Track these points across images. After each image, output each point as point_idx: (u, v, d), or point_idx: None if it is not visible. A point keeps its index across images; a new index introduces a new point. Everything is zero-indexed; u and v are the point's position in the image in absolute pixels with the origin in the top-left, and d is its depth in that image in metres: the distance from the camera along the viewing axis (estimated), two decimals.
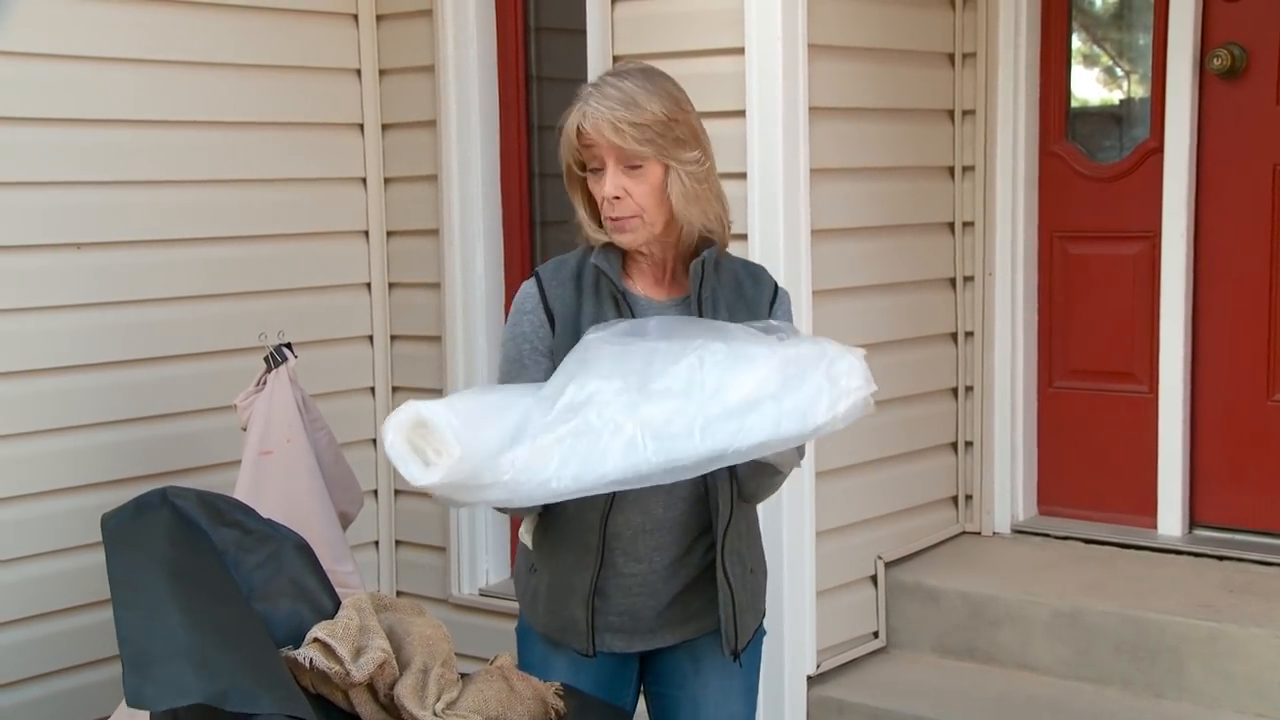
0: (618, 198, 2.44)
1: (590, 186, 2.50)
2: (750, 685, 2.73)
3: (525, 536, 2.65)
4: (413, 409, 2.24)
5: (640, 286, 2.56)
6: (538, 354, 2.53)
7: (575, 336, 2.48)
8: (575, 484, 2.24)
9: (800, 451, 2.46)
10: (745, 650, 2.65)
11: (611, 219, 2.47)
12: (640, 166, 2.44)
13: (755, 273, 2.64)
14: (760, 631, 2.73)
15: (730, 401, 2.27)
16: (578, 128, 2.45)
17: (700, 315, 2.51)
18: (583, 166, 2.49)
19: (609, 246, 2.53)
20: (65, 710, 3.65)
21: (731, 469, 2.52)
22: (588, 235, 2.54)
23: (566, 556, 2.56)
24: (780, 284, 2.67)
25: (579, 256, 2.57)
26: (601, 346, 2.33)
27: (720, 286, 2.56)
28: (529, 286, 2.57)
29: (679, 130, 2.46)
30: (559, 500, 2.28)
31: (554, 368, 2.50)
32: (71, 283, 3.65)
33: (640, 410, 2.25)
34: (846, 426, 2.37)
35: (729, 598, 2.57)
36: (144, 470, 3.73)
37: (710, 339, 2.34)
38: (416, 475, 2.22)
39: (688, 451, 2.25)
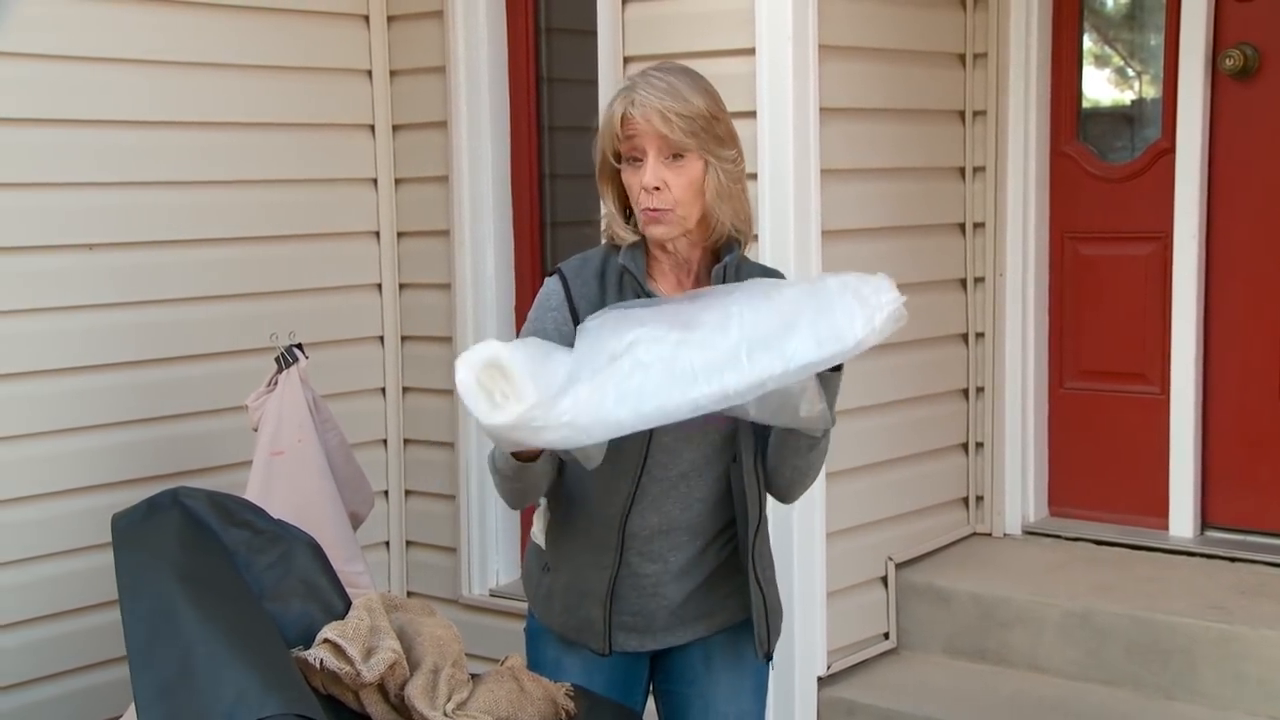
0: (657, 188, 2.43)
1: (625, 178, 2.48)
2: (760, 684, 2.74)
3: (538, 536, 2.65)
4: (490, 349, 2.24)
5: (663, 288, 2.56)
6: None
7: None
8: (634, 416, 2.22)
9: (830, 417, 2.44)
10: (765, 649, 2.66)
11: (647, 210, 2.46)
12: (681, 159, 2.44)
13: (774, 278, 2.64)
14: None
15: (769, 329, 2.28)
16: (623, 115, 2.43)
17: None
18: (618, 158, 2.49)
19: (635, 247, 2.52)
20: (78, 710, 3.66)
21: (761, 468, 2.54)
22: (615, 233, 2.53)
23: (584, 556, 2.56)
24: None
25: (602, 255, 2.56)
26: (626, 310, 2.35)
27: None
28: (554, 284, 2.56)
29: (719, 128, 2.48)
30: (618, 434, 2.25)
31: None
32: (83, 283, 3.66)
33: (686, 345, 2.26)
34: (880, 340, 2.36)
35: (760, 601, 2.59)
36: (155, 470, 3.73)
37: (732, 290, 2.36)
38: (485, 414, 2.20)
39: (738, 378, 2.24)
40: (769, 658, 2.64)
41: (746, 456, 2.53)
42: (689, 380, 2.24)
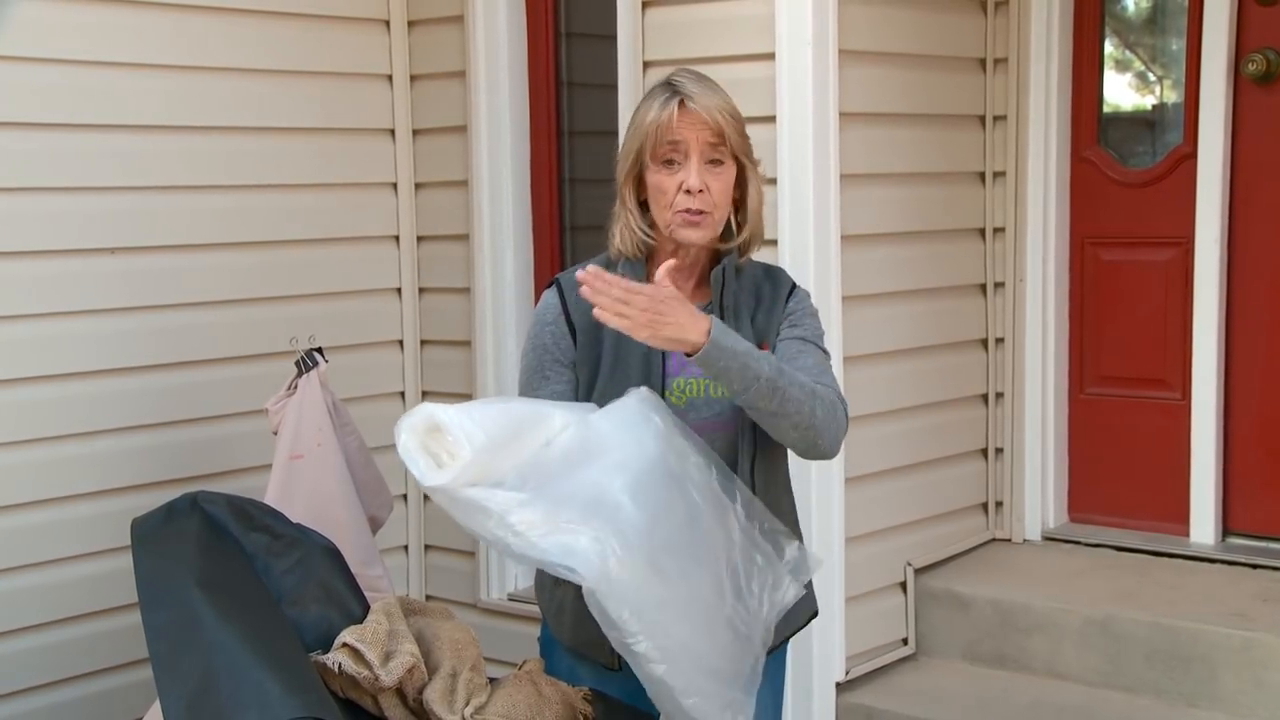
0: (701, 191, 2.44)
1: (658, 179, 2.47)
2: (775, 690, 2.73)
3: None
4: (426, 411, 2.25)
5: None
6: (559, 365, 2.54)
7: (597, 346, 2.49)
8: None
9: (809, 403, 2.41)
10: (772, 654, 2.64)
11: (687, 212, 2.46)
12: (721, 164, 2.46)
13: (774, 275, 2.65)
14: (784, 642, 2.72)
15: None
16: (679, 107, 2.42)
17: (723, 320, 2.50)
18: (652, 159, 2.47)
19: (634, 261, 2.53)
20: (99, 713, 3.67)
21: (759, 475, 2.53)
22: (637, 245, 2.51)
23: None
24: (800, 285, 2.66)
25: (602, 265, 2.56)
26: (640, 422, 2.34)
27: (741, 292, 2.57)
28: (551, 296, 2.57)
29: (745, 130, 2.51)
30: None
31: (575, 378, 2.52)
32: (104, 287, 3.67)
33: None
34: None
35: None
36: (175, 474, 3.75)
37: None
38: (425, 474, 2.22)
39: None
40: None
41: (744, 463, 2.52)
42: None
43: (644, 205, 2.54)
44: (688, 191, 2.44)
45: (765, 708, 2.69)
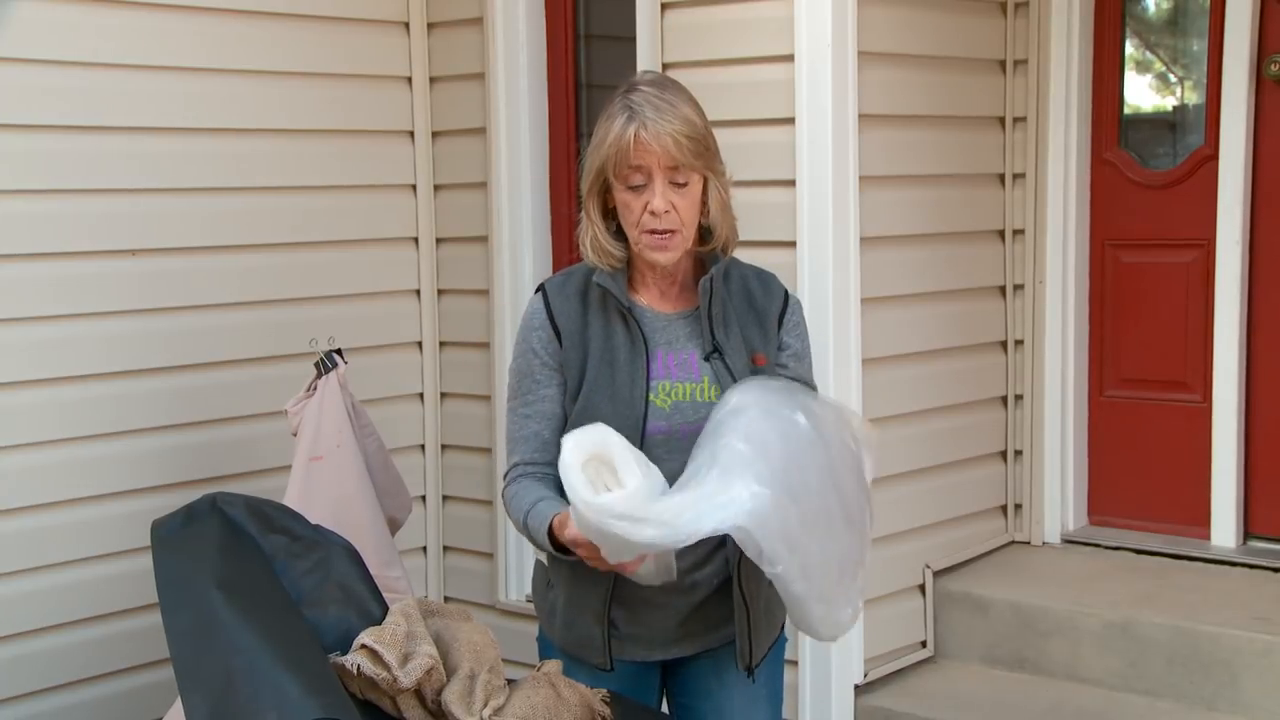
0: (667, 212, 2.45)
1: (625, 199, 2.48)
2: (774, 693, 2.73)
3: (540, 553, 2.66)
4: (601, 431, 2.29)
5: (646, 299, 2.57)
6: (548, 369, 2.55)
7: (583, 350, 2.50)
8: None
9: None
10: (762, 663, 2.64)
11: (653, 233, 2.47)
12: (685, 183, 2.46)
13: (766, 281, 2.64)
14: (780, 639, 2.72)
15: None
16: (635, 137, 2.43)
17: (711, 329, 2.53)
18: (615, 178, 2.48)
19: (612, 271, 2.53)
20: (121, 711, 3.69)
21: None
22: (604, 254, 2.52)
23: (580, 572, 2.55)
24: (793, 294, 2.66)
25: (584, 273, 2.58)
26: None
27: (730, 298, 2.58)
28: (536, 302, 2.59)
29: (712, 142, 2.51)
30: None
31: (564, 382, 2.53)
32: (125, 288, 3.69)
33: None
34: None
35: (744, 615, 2.58)
36: (195, 475, 3.76)
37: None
38: (587, 496, 2.24)
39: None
40: (750, 672, 2.62)
41: None
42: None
43: (611, 214, 2.54)
44: (653, 213, 2.45)
45: (765, 711, 2.69)
